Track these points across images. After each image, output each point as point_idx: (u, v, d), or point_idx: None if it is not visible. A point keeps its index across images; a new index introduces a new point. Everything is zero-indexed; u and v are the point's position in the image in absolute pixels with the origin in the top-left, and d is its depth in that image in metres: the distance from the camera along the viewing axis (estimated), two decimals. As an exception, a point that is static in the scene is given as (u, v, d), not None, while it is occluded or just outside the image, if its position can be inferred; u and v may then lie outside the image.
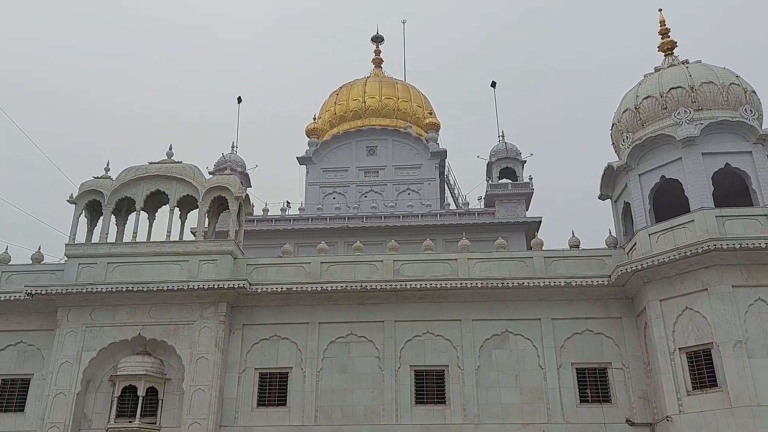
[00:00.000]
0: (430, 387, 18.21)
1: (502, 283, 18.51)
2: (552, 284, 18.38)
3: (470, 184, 62.97)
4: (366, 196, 34.13)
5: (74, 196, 19.92)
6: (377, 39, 41.76)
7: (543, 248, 19.64)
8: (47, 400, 17.58)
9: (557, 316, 18.49)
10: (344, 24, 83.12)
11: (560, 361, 18.04)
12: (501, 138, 34.00)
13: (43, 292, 18.35)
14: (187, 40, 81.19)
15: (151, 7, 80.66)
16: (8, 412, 18.33)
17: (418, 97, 38.42)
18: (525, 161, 33.11)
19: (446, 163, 36.34)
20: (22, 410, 18.27)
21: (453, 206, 34.28)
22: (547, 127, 73.69)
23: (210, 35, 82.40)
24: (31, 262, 20.01)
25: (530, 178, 32.39)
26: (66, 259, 19.29)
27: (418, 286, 18.61)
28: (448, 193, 36.98)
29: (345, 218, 31.18)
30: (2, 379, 18.67)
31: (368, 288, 18.64)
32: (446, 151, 35.60)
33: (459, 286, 18.55)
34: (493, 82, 36.39)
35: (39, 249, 20.33)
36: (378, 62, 40.89)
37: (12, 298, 18.77)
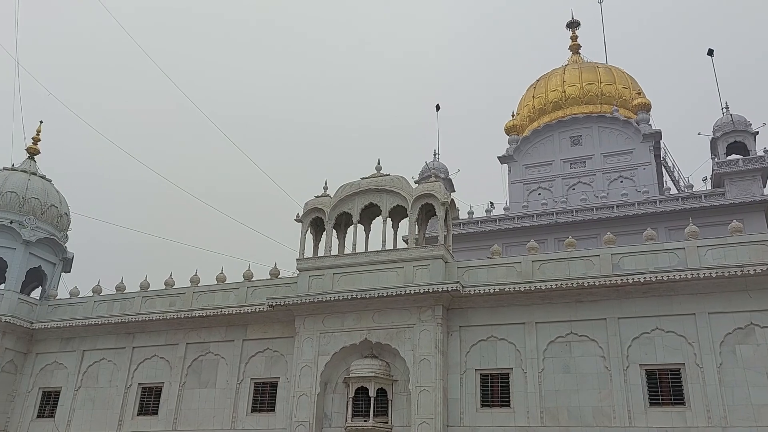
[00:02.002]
0: (664, 387, 16.85)
1: (742, 271, 16.53)
2: (806, 269, 15.98)
3: (692, 164, 57.48)
4: (574, 189, 32.82)
5: (300, 215, 21.92)
6: (573, 24, 40.07)
7: (790, 228, 17.18)
8: (293, 400, 19.48)
9: (816, 305, 16.03)
10: (536, 15, 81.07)
11: (825, 357, 15.59)
12: (725, 110, 30.52)
13: (282, 303, 20.41)
14: (382, 51, 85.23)
15: (340, 23, 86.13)
16: (262, 412, 20.60)
17: (623, 79, 36.04)
18: (757, 132, 29.35)
19: (662, 145, 33.55)
20: (273, 410, 20.43)
21: (674, 190, 31.55)
22: (781, 90, 64.44)
23: (403, 45, 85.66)
24: (269, 277, 22.39)
25: (765, 151, 28.59)
26: (298, 272, 21.28)
27: (642, 280, 17.36)
28: (666, 177, 34.10)
29: (553, 214, 30.27)
30: (255, 383, 21.04)
31: (585, 285, 17.85)
32: (661, 132, 32.87)
33: (690, 277, 16.95)
34: (709, 49, 32.80)
35: (275, 265, 22.65)
36: (575, 48, 39.20)
37: (257, 310, 21.17)
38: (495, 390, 18.31)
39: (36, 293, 26.10)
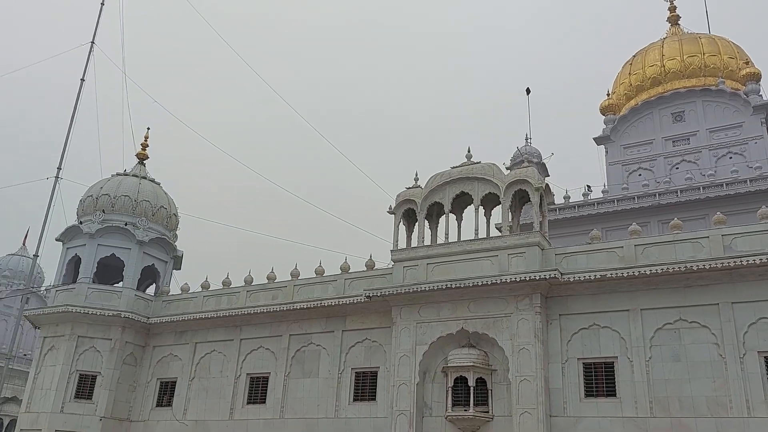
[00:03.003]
0: (787, 376, 15.73)
1: None
2: None
3: (811, 135, 52.73)
4: (677, 168, 31.23)
5: (392, 207, 22.11)
6: (670, -6, 37.92)
7: None
8: (393, 390, 19.72)
9: None
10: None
11: None
12: None
13: (378, 294, 20.69)
14: (468, 35, 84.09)
15: (423, 10, 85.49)
16: (363, 401, 21.01)
17: (728, 48, 33.75)
18: None
19: (775, 116, 31.17)
20: (374, 399, 20.80)
21: (791, 164, 29.21)
22: None
23: (489, 25, 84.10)
24: (365, 268, 22.75)
25: None
26: (392, 263, 21.49)
27: (758, 262, 16.22)
28: (782, 150, 31.62)
29: (655, 195, 28.91)
30: (356, 372, 21.47)
31: (695, 268, 16.91)
32: (774, 102, 30.54)
33: (812, 257, 15.69)
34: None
35: (370, 256, 22.99)
36: (674, 20, 37.09)
37: (355, 301, 21.59)
38: (599, 379, 17.75)
39: (150, 290, 27.86)
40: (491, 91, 79.74)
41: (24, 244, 56.52)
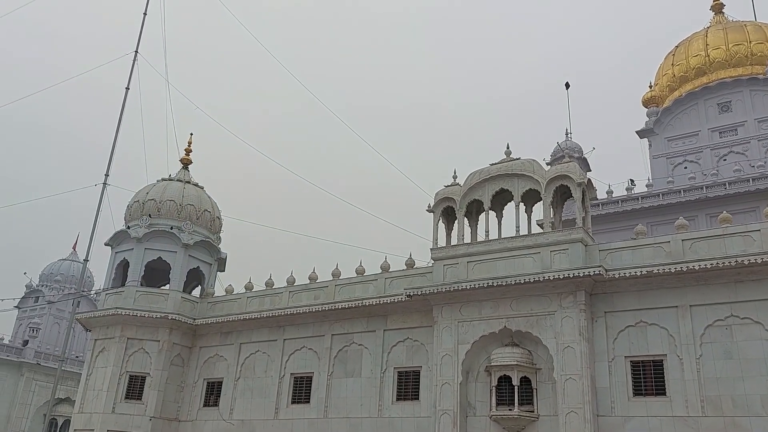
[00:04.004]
0: None
1: None
2: None
3: None
4: (725, 160, 30.37)
5: (431, 205, 22.06)
6: (714, -18, 36.87)
7: None
8: (436, 389, 19.66)
9: None
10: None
11: None
12: None
13: (419, 293, 20.65)
14: (505, 29, 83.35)
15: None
16: (406, 400, 21.00)
17: (776, 34, 32.64)
18: None
19: (828, 104, 30.05)
20: (417, 398, 20.77)
21: None
22: None
23: (528, 17, 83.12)
24: (405, 267, 22.74)
25: None
26: (432, 262, 21.43)
27: (813, 255, 15.67)
28: (836, 139, 30.50)
29: (702, 188, 28.16)
30: (398, 372, 21.49)
31: (746, 263, 16.39)
32: (826, 89, 29.42)
33: None
34: None
35: (410, 255, 22.98)
36: (718, 8, 36.07)
37: (396, 300, 21.60)
38: (648, 378, 17.37)
39: (195, 292, 28.41)
40: (529, 85, 78.97)
41: (74, 249, 58.47)
